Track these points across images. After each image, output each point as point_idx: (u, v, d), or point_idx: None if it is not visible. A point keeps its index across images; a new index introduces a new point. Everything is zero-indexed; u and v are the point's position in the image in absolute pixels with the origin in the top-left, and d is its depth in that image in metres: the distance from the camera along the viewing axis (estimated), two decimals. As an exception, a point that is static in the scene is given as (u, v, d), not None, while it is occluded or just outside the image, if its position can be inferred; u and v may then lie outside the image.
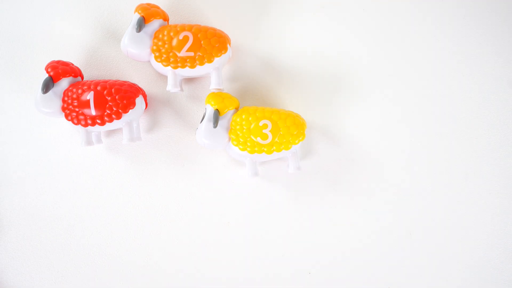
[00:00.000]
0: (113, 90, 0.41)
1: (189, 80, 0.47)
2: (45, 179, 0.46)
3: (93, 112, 0.41)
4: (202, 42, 0.42)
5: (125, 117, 0.42)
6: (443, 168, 0.46)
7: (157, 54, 0.42)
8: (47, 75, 0.42)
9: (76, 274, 0.46)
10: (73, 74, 0.43)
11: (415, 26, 0.47)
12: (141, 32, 0.42)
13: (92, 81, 0.42)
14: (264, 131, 0.41)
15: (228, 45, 0.43)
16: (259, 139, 0.41)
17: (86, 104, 0.41)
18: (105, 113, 0.41)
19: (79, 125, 0.42)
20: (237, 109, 0.43)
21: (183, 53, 0.42)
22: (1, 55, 0.47)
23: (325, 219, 0.46)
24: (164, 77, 0.46)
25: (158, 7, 0.44)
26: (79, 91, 0.41)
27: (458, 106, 0.46)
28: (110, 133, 0.46)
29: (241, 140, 0.41)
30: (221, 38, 0.42)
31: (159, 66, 0.43)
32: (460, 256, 0.46)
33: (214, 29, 0.43)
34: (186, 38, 0.42)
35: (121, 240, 0.46)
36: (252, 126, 0.41)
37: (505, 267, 0.45)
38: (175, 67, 0.42)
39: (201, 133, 0.41)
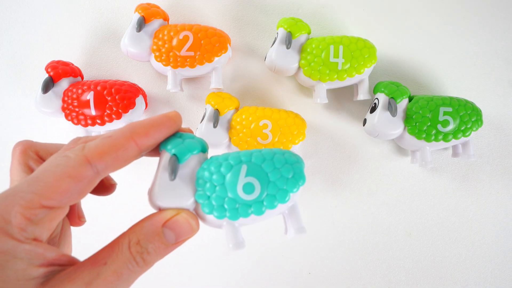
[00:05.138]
0: (113, 90, 0.41)
1: (189, 80, 0.47)
2: (45, 179, 0.46)
3: (93, 112, 0.41)
4: (202, 42, 0.42)
5: (125, 117, 0.42)
6: (443, 168, 0.46)
7: (157, 53, 0.42)
8: (47, 75, 0.42)
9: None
10: (73, 74, 0.43)
11: (415, 22, 0.47)
12: (141, 32, 0.42)
13: (92, 81, 0.42)
14: (264, 131, 0.41)
15: (228, 45, 0.43)
16: (259, 139, 0.41)
17: (86, 104, 0.41)
18: (105, 113, 0.41)
19: (79, 125, 0.42)
20: (237, 109, 0.43)
21: (183, 52, 0.42)
22: (1, 55, 0.47)
23: (325, 219, 0.46)
24: (164, 77, 0.46)
25: (158, 7, 0.44)
26: (79, 91, 0.41)
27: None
28: (110, 133, 0.46)
29: (241, 140, 0.41)
30: (221, 37, 0.42)
31: (159, 66, 0.43)
32: (460, 256, 0.46)
33: (214, 29, 0.43)
34: (186, 38, 0.42)
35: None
36: (252, 126, 0.41)
37: (505, 266, 0.45)
38: (175, 67, 0.42)
39: (201, 133, 0.41)
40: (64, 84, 0.42)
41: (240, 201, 0.26)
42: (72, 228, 0.30)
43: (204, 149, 0.27)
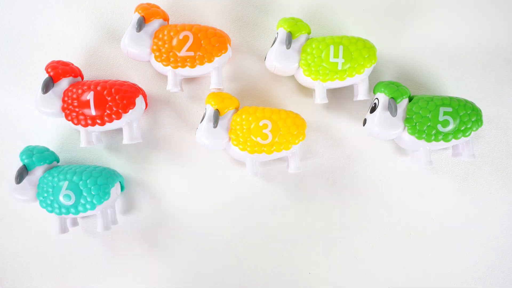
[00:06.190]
0: (113, 90, 0.41)
1: (189, 80, 0.47)
2: (45, 179, 0.46)
3: (93, 112, 0.41)
4: (202, 42, 0.42)
5: (125, 117, 0.42)
6: (443, 168, 0.46)
7: (157, 53, 0.42)
8: (47, 75, 0.42)
9: (76, 274, 0.45)
10: (73, 74, 0.43)
11: (415, 22, 0.47)
12: (141, 32, 0.42)
13: (92, 81, 0.42)
14: (264, 131, 0.41)
15: (228, 45, 0.43)
16: (259, 139, 0.41)
17: (86, 104, 0.41)
18: (105, 113, 0.41)
19: (79, 125, 0.42)
20: (237, 109, 0.43)
21: (183, 52, 0.42)
22: (1, 55, 0.47)
23: (325, 219, 0.46)
24: (164, 77, 0.46)
25: (158, 7, 0.44)
26: (79, 91, 0.41)
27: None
28: (110, 133, 0.46)
29: (241, 140, 0.41)
30: (221, 37, 0.42)
31: (159, 66, 0.43)
32: (460, 256, 0.46)
33: (214, 29, 0.43)
34: (186, 38, 0.42)
35: (119, 240, 0.46)
36: (252, 126, 0.41)
37: (505, 266, 0.45)
38: (175, 67, 0.42)
39: (201, 133, 0.41)
40: (64, 84, 0.42)
41: (61, 205, 0.40)
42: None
43: (50, 161, 0.42)
